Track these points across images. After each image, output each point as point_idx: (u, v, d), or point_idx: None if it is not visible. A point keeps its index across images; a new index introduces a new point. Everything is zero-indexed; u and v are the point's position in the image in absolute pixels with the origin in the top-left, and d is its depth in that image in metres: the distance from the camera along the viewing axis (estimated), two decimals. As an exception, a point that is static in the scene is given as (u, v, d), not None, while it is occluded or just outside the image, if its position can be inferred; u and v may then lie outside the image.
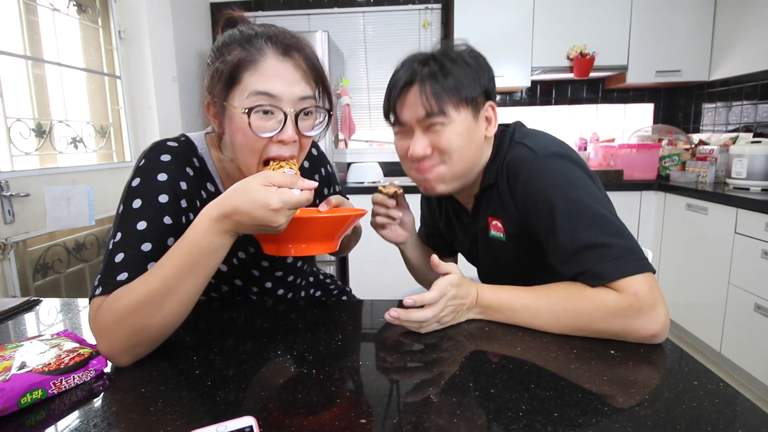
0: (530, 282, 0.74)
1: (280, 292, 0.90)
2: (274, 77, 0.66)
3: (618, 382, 0.54)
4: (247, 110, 0.65)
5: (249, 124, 0.65)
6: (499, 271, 0.91)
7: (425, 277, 1.05)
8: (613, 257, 0.65)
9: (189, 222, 0.70)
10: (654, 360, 0.60)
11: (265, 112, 0.66)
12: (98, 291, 0.61)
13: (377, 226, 0.93)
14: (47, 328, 0.74)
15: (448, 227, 1.03)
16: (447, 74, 0.76)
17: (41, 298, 0.85)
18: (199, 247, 0.59)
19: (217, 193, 0.78)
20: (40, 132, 1.86)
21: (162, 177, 0.70)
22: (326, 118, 0.74)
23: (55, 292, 1.93)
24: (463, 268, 0.74)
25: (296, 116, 0.68)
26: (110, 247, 0.65)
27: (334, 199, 0.78)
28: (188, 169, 0.74)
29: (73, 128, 2.04)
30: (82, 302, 0.84)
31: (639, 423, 0.46)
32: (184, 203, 0.71)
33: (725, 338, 2.08)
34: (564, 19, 2.73)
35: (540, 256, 0.77)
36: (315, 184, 0.62)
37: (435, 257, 0.71)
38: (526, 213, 0.76)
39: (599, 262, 0.66)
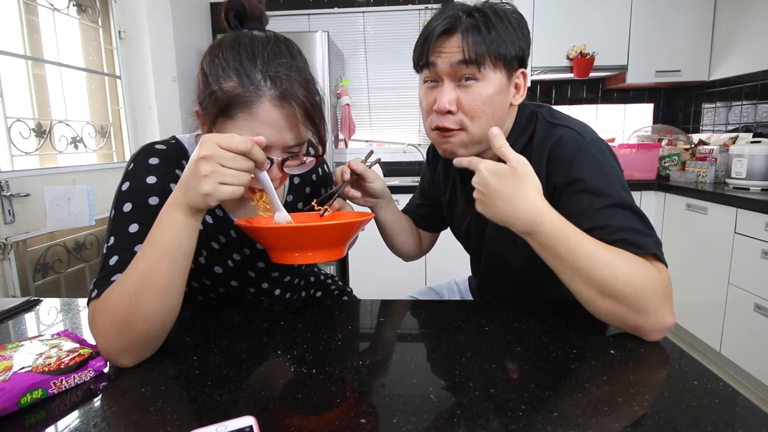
0: (532, 276, 0.73)
1: (277, 292, 0.90)
2: (268, 125, 0.64)
3: (618, 382, 0.54)
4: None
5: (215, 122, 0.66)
6: (502, 258, 0.88)
7: (395, 242, 1.02)
8: (653, 241, 0.66)
9: None
10: (654, 360, 0.60)
11: None
12: (94, 294, 0.61)
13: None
14: (47, 328, 0.74)
15: (451, 200, 0.99)
16: (491, 28, 0.73)
17: (41, 298, 0.85)
18: (159, 225, 0.58)
19: None
20: (40, 132, 1.86)
21: (151, 180, 0.69)
22: (314, 157, 0.73)
23: (55, 292, 1.93)
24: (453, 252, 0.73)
25: (283, 161, 0.68)
26: (104, 251, 0.65)
27: (337, 203, 0.78)
28: (178, 171, 0.74)
29: (73, 128, 2.04)
30: (82, 302, 0.84)
31: (639, 423, 0.46)
32: None
33: (725, 338, 2.08)
34: (564, 19, 2.73)
35: None
36: (263, 139, 0.59)
37: (496, 129, 0.70)
38: (560, 196, 0.74)
39: (639, 238, 0.66)
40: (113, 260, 0.63)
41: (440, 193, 1.03)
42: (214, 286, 0.83)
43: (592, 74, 2.80)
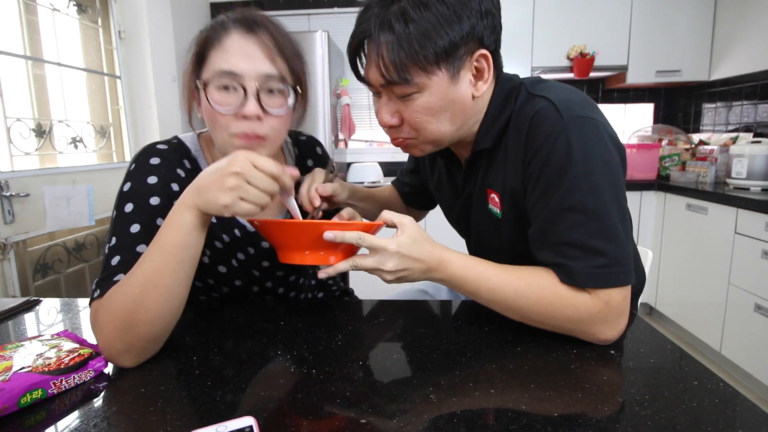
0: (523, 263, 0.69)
1: (281, 291, 0.90)
2: (237, 53, 0.66)
3: (618, 382, 0.54)
4: (203, 84, 0.67)
5: (207, 98, 0.67)
6: (491, 248, 0.82)
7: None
8: (598, 265, 0.61)
9: None
10: (654, 360, 0.60)
11: (226, 88, 0.66)
12: (96, 294, 0.61)
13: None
14: (47, 328, 0.74)
15: (438, 186, 0.94)
16: (410, 22, 0.59)
17: (41, 298, 0.85)
18: (168, 225, 0.58)
19: None
20: (40, 132, 1.86)
21: (152, 180, 0.70)
22: (295, 96, 0.71)
23: (55, 292, 1.93)
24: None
25: (258, 92, 0.67)
26: (106, 251, 0.65)
27: (346, 213, 0.76)
28: (179, 171, 0.74)
29: (73, 128, 2.04)
30: (82, 302, 0.84)
31: (639, 423, 0.46)
32: None
33: (725, 338, 2.08)
34: (564, 19, 2.74)
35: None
36: (296, 172, 0.61)
37: (386, 213, 0.64)
38: (527, 182, 0.67)
39: (582, 262, 0.61)
40: (115, 260, 0.63)
41: (427, 177, 0.99)
42: (218, 286, 0.83)
43: (592, 74, 2.80)
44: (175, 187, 0.72)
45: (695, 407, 0.49)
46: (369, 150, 3.27)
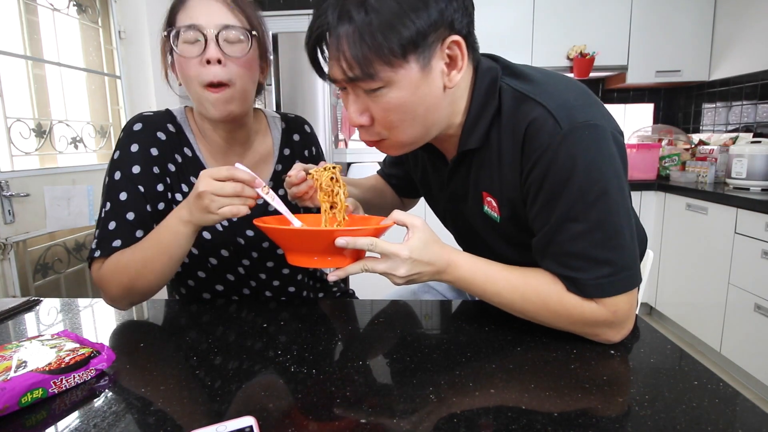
0: (511, 259, 0.69)
1: (270, 264, 0.88)
2: (197, 9, 0.73)
3: (618, 382, 0.54)
4: (165, 33, 0.75)
5: (172, 49, 0.74)
6: (487, 243, 0.79)
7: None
8: (603, 275, 0.60)
9: (165, 188, 0.79)
10: (654, 360, 0.60)
11: (191, 41, 0.73)
12: (98, 254, 0.73)
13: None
14: (47, 328, 0.74)
15: (423, 182, 0.90)
16: (371, 11, 0.54)
17: (41, 298, 0.85)
18: (164, 229, 0.69)
19: (194, 157, 0.83)
20: (40, 132, 1.86)
21: (134, 148, 0.78)
22: (250, 40, 0.76)
23: (55, 292, 1.93)
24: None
25: (217, 37, 0.72)
26: (102, 215, 0.75)
27: (351, 204, 0.74)
28: (160, 134, 0.80)
29: (73, 128, 2.04)
30: (82, 302, 0.84)
31: (639, 423, 0.46)
32: (156, 169, 0.79)
33: (725, 338, 2.08)
34: (564, 19, 2.74)
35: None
36: (253, 193, 0.66)
37: (396, 213, 0.64)
38: (527, 192, 0.64)
39: (587, 273, 0.60)
40: (112, 226, 0.74)
41: (411, 169, 0.95)
42: (204, 257, 0.83)
43: (592, 74, 2.80)
44: (154, 152, 0.79)
45: (695, 407, 0.49)
46: (369, 150, 3.26)
